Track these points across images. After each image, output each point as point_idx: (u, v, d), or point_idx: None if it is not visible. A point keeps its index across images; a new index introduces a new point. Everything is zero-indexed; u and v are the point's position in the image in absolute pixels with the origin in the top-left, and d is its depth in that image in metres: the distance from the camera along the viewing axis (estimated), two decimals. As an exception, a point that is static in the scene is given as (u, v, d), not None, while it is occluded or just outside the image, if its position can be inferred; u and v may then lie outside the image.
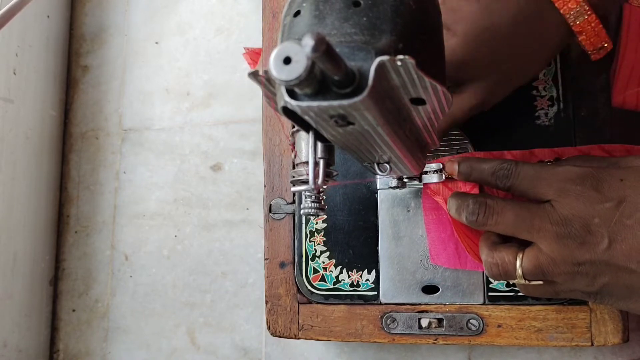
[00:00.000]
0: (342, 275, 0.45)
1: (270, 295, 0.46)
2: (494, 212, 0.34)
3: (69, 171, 0.64)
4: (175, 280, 0.58)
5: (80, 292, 0.62)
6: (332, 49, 0.18)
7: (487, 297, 0.41)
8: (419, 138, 0.30)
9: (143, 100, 0.63)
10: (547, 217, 0.32)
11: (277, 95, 0.24)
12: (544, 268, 0.33)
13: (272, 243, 0.47)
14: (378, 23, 0.23)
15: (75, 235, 0.63)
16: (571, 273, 0.32)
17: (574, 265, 0.32)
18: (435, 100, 0.24)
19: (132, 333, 0.59)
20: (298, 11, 0.24)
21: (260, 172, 0.57)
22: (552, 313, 0.40)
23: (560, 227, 0.31)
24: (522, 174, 0.34)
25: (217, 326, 0.57)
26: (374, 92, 0.20)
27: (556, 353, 0.47)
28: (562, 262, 0.32)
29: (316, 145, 0.26)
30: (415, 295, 0.43)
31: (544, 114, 0.42)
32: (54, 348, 0.62)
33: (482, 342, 0.41)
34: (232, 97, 0.60)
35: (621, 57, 0.44)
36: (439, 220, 0.42)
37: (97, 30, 0.66)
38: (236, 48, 0.60)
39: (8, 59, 0.57)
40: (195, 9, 0.63)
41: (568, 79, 0.42)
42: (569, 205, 0.31)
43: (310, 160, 0.26)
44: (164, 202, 0.60)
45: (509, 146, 0.41)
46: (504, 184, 0.35)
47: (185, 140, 0.61)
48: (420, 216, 0.43)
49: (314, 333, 0.45)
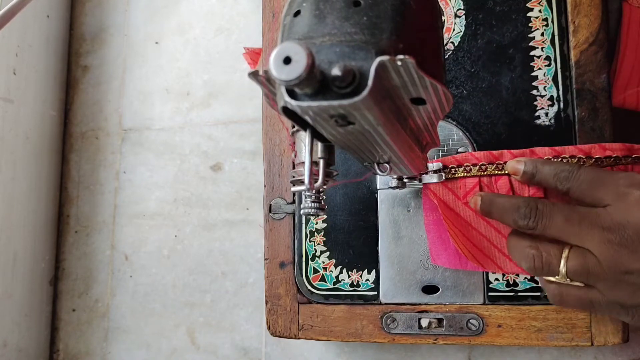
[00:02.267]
0: (342, 275, 0.45)
1: (270, 295, 0.46)
2: (544, 216, 0.34)
3: (69, 171, 0.64)
4: (175, 280, 0.58)
5: (80, 292, 0.62)
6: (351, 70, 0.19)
7: (487, 297, 0.41)
8: (419, 138, 0.30)
9: (143, 100, 0.63)
10: (598, 221, 0.31)
11: (277, 95, 0.24)
12: (590, 269, 0.32)
13: (272, 243, 0.47)
14: (378, 22, 0.23)
15: (75, 235, 0.63)
16: (616, 280, 0.31)
17: (621, 273, 0.31)
18: (436, 99, 0.24)
19: (132, 333, 0.59)
20: (298, 11, 0.24)
21: (260, 172, 0.57)
22: (552, 313, 0.40)
23: (612, 234, 0.30)
24: (583, 176, 0.33)
25: (217, 326, 0.56)
26: (374, 92, 0.20)
27: (556, 353, 0.47)
28: (609, 268, 0.31)
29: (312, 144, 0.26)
30: (415, 295, 0.43)
31: (544, 113, 0.42)
32: (54, 348, 0.62)
33: (482, 342, 0.41)
34: (232, 97, 0.60)
35: (621, 57, 0.44)
36: (439, 221, 0.42)
37: (97, 30, 0.66)
38: (236, 48, 0.60)
39: (8, 59, 0.57)
40: (195, 9, 0.63)
41: (568, 79, 0.42)
42: (626, 211, 0.30)
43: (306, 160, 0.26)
44: (164, 202, 0.60)
45: (509, 146, 0.41)
46: (564, 186, 0.34)
47: (185, 140, 0.61)
48: (421, 216, 0.43)
49: (314, 333, 0.45)
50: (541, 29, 0.43)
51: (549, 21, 0.43)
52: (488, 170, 0.39)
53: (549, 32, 0.43)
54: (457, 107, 0.44)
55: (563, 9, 0.43)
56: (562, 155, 0.38)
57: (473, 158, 0.39)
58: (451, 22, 0.45)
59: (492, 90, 0.43)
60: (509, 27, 0.44)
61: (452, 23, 0.45)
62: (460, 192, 0.41)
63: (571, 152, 0.39)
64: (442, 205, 0.41)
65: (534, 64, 0.43)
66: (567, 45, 0.42)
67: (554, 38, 0.43)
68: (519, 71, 0.43)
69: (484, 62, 0.44)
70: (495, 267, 0.40)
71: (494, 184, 0.39)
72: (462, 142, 0.43)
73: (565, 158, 0.38)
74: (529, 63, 0.43)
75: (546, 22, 0.43)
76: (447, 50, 0.45)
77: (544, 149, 0.40)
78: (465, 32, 0.45)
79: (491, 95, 0.43)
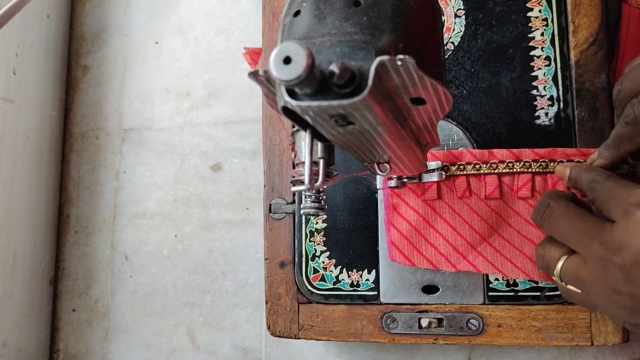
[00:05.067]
0: (342, 275, 0.45)
1: (270, 295, 0.46)
2: (551, 217, 0.34)
3: (69, 171, 0.64)
4: (175, 280, 0.58)
5: (80, 292, 0.62)
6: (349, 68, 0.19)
7: (487, 297, 0.41)
8: (419, 138, 0.30)
9: (143, 100, 0.63)
10: (599, 236, 0.30)
11: (277, 95, 0.24)
12: (582, 279, 0.32)
13: (272, 243, 0.47)
14: (378, 22, 0.23)
15: (75, 235, 0.63)
16: (608, 298, 0.31)
17: (612, 291, 0.30)
18: (436, 99, 0.24)
19: (132, 333, 0.59)
20: (298, 11, 0.24)
21: (260, 172, 0.57)
22: (552, 313, 0.40)
23: (608, 251, 0.30)
24: (603, 189, 0.33)
25: (217, 326, 0.56)
26: (374, 92, 0.20)
27: (556, 353, 0.47)
28: (600, 283, 0.31)
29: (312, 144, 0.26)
30: (415, 295, 0.43)
31: (544, 113, 0.42)
32: (54, 348, 0.62)
33: (482, 342, 0.41)
34: (232, 97, 0.60)
35: (620, 59, 0.44)
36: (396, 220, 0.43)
37: (97, 30, 0.66)
38: (236, 48, 0.60)
39: (8, 59, 0.57)
40: (195, 9, 0.63)
41: (568, 79, 0.42)
42: (627, 232, 0.29)
43: (306, 160, 0.26)
44: (164, 202, 0.60)
45: (509, 146, 0.41)
46: (592, 196, 0.34)
47: (185, 140, 0.61)
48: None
49: (314, 333, 0.45)
50: (541, 29, 0.43)
51: (548, 21, 0.43)
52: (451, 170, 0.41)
53: (549, 32, 0.43)
54: (457, 107, 0.44)
55: (563, 9, 0.43)
56: (492, 161, 0.40)
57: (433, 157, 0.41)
58: (451, 22, 0.45)
59: (492, 90, 0.43)
60: (508, 27, 0.44)
61: (452, 23, 0.45)
62: (418, 190, 0.42)
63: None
64: (401, 203, 0.42)
65: (534, 64, 0.43)
66: (567, 45, 0.42)
67: (553, 38, 0.43)
68: (519, 71, 0.43)
69: (483, 62, 0.44)
70: (449, 265, 0.41)
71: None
72: (462, 142, 0.43)
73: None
74: (528, 63, 0.43)
75: (546, 22, 0.43)
76: (447, 50, 0.45)
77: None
78: (465, 32, 0.45)
79: (491, 95, 0.43)
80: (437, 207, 0.42)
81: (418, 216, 0.42)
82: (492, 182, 0.40)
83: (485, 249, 0.40)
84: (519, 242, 0.40)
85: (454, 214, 0.41)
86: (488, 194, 0.40)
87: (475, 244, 0.40)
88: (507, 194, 0.40)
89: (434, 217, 0.41)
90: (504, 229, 0.40)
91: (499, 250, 0.40)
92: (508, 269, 0.39)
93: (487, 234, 0.40)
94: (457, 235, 0.41)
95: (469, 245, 0.40)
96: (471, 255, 0.40)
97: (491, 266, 0.40)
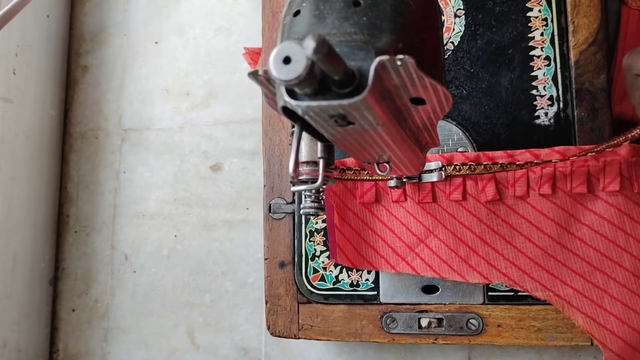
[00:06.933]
0: (342, 275, 0.45)
1: (270, 295, 0.46)
2: None
3: (69, 171, 0.64)
4: (175, 280, 0.58)
5: (80, 292, 0.62)
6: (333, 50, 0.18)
7: (487, 297, 0.41)
8: (419, 138, 0.30)
9: (143, 100, 0.63)
10: None
11: (277, 95, 0.24)
12: None
13: (272, 243, 0.47)
14: (378, 23, 0.23)
15: (75, 235, 0.63)
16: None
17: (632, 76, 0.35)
18: (435, 99, 0.24)
19: (132, 333, 0.59)
20: (298, 11, 0.24)
21: (260, 172, 0.57)
22: (552, 313, 0.40)
23: None
24: None
25: (217, 326, 0.56)
26: (374, 92, 0.20)
27: (556, 353, 0.47)
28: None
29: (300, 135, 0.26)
30: (415, 295, 0.43)
31: (543, 113, 0.42)
32: (53, 348, 0.62)
33: (482, 342, 0.41)
34: (232, 97, 0.60)
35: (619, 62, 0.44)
36: (342, 220, 0.43)
37: (97, 30, 0.66)
38: (236, 48, 0.60)
39: (8, 58, 0.57)
40: (195, 9, 0.63)
41: (568, 79, 0.42)
42: None
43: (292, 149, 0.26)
44: (164, 202, 0.60)
45: (509, 146, 0.41)
46: None
47: (185, 140, 0.61)
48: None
49: (313, 333, 0.45)
50: (541, 29, 0.43)
51: (548, 21, 0.43)
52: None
53: (549, 32, 0.43)
54: (457, 107, 0.44)
55: (563, 9, 0.43)
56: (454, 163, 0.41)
57: None
58: (451, 22, 0.45)
59: (492, 90, 0.43)
60: (508, 27, 0.44)
61: (451, 23, 0.45)
62: (357, 193, 0.43)
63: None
64: (341, 206, 0.43)
65: (534, 64, 0.43)
66: (567, 46, 0.42)
67: (553, 38, 0.43)
68: (519, 71, 0.43)
69: (483, 62, 0.44)
70: (388, 266, 0.42)
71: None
72: (462, 142, 0.43)
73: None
74: (528, 63, 0.43)
75: (546, 22, 0.43)
76: (447, 50, 0.45)
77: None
78: (465, 32, 0.45)
79: (491, 95, 0.43)
80: (375, 210, 0.43)
81: (357, 219, 0.43)
82: (425, 186, 0.42)
83: (423, 251, 0.41)
84: (454, 244, 0.40)
85: (391, 216, 0.42)
86: (421, 199, 0.42)
87: (412, 245, 0.41)
88: (440, 197, 0.41)
89: (372, 219, 0.42)
90: (439, 230, 0.41)
91: (435, 252, 0.41)
92: (445, 271, 0.40)
93: (424, 235, 0.41)
94: (395, 237, 0.42)
95: (407, 247, 0.41)
96: (409, 257, 0.41)
97: (429, 268, 0.41)
